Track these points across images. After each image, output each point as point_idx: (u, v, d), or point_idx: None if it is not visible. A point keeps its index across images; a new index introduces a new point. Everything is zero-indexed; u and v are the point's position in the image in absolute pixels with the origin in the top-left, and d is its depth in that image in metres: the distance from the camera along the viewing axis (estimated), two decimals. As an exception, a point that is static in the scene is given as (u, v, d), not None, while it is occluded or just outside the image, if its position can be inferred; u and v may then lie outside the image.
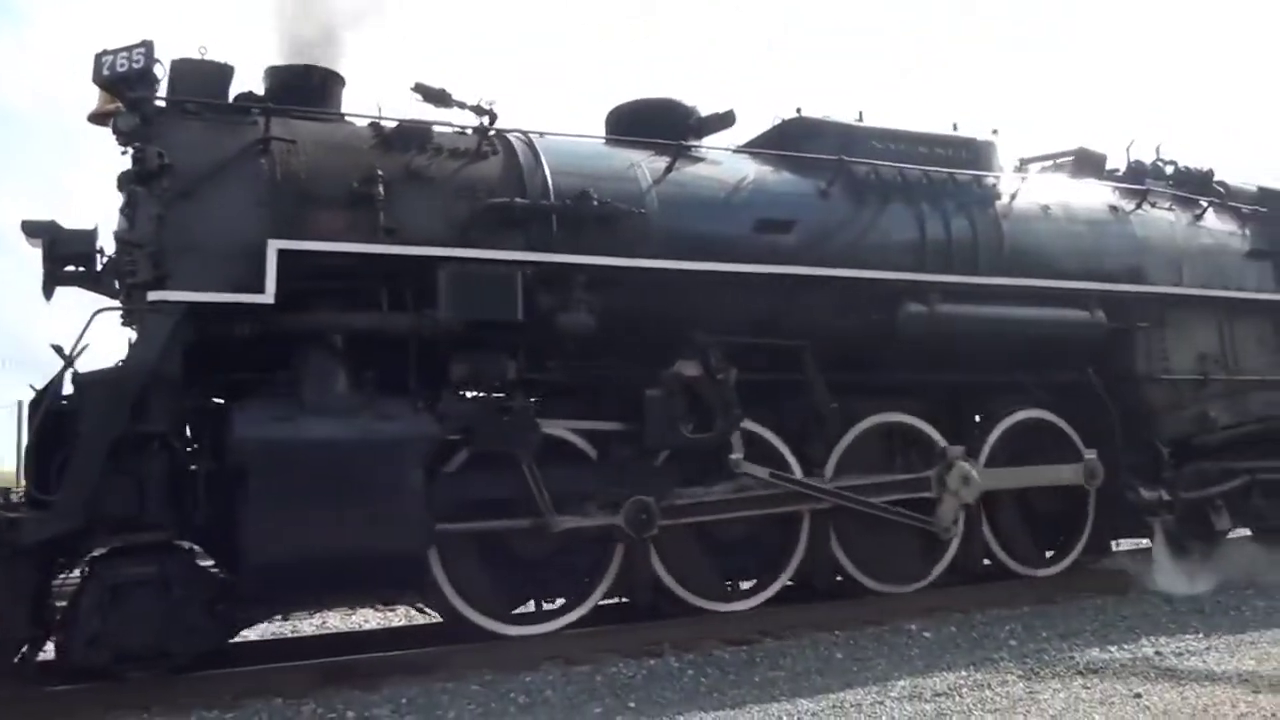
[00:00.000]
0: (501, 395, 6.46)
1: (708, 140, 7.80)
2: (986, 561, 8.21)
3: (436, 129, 6.82)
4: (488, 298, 6.20)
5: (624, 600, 7.15)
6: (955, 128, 8.46)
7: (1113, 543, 9.04)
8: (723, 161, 7.62)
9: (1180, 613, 7.48)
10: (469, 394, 6.53)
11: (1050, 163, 9.49)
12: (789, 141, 7.99)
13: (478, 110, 7.00)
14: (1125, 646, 6.43)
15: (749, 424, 7.28)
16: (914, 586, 7.75)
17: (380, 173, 6.26)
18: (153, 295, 5.64)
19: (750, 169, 7.61)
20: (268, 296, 5.70)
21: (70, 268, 6.29)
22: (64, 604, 5.80)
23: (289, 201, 6.12)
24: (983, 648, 6.46)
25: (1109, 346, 8.35)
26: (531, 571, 6.78)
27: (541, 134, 7.18)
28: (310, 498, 5.67)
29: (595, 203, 6.69)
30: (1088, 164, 9.38)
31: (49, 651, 5.93)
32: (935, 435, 7.91)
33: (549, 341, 6.57)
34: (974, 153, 8.36)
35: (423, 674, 5.88)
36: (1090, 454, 8.23)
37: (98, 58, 6.19)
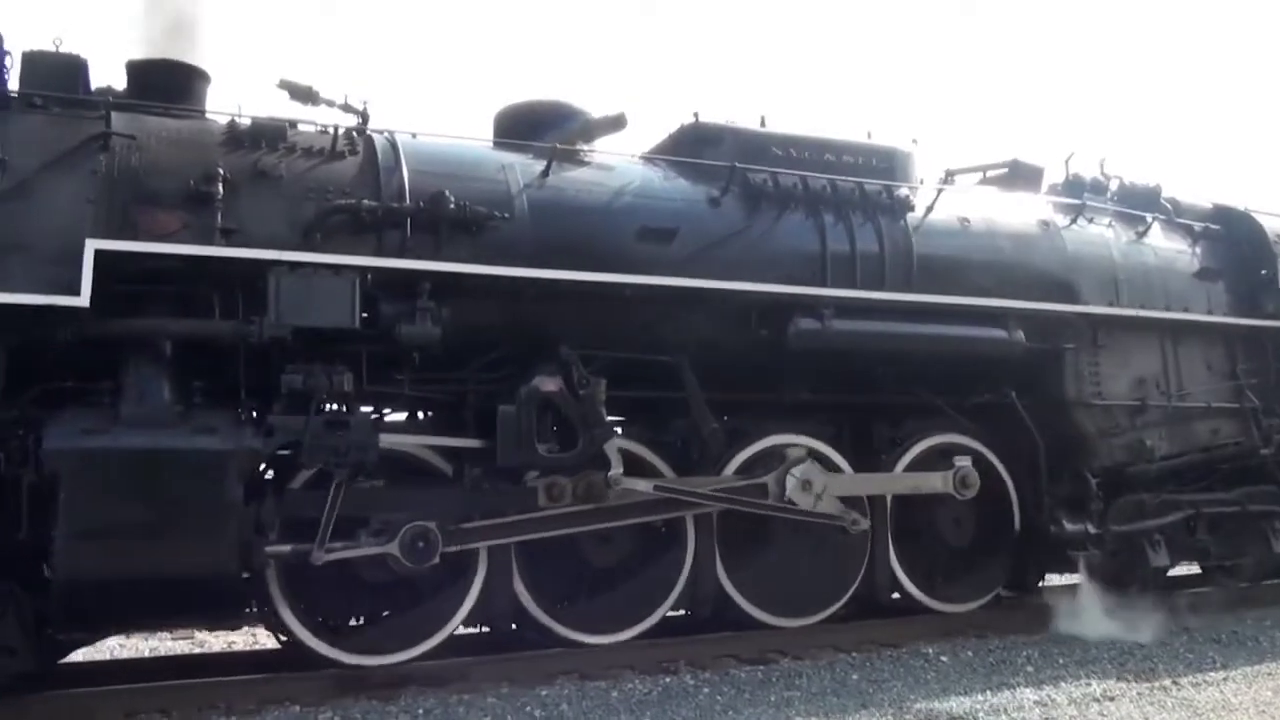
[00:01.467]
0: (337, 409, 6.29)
1: (600, 144, 7.64)
2: (896, 595, 7.94)
3: (298, 128, 6.74)
4: (320, 304, 6.04)
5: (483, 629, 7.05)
6: (869, 135, 8.20)
7: (1042, 578, 8.69)
8: (613, 167, 7.46)
9: (1198, 643, 7.51)
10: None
11: (981, 174, 9.17)
12: (686, 147, 7.81)
13: (346, 109, 6.93)
14: (1142, 676, 6.51)
15: (626, 443, 7.13)
16: (811, 619, 7.49)
17: (222, 171, 6.19)
18: (-42, 292, 5.57)
19: (639, 175, 7.45)
20: (83, 300, 5.58)
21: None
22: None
23: (122, 199, 6.04)
24: (999, 673, 6.55)
25: (1034, 369, 8.04)
26: (383, 597, 6.64)
27: (414, 135, 7.08)
28: (121, 513, 5.56)
29: (452, 206, 6.54)
30: (1022, 177, 9.06)
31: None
32: (836, 458, 7.66)
33: (396, 353, 6.43)
34: (888, 161, 8.09)
35: (439, 685, 6.06)
36: (964, 460, 7.88)
37: (-59, 47, 6.18)
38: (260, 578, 6.15)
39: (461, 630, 6.79)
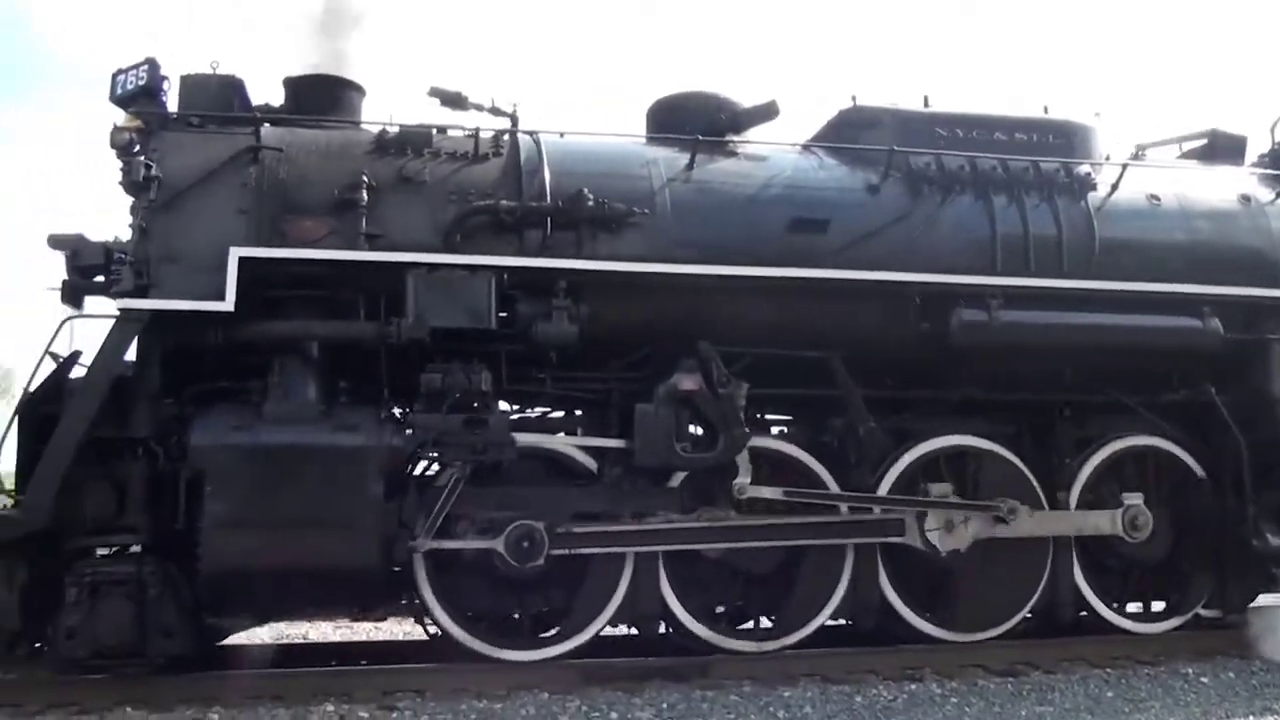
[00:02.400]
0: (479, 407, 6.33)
1: (752, 134, 7.46)
2: (1083, 613, 7.37)
3: (445, 133, 6.89)
4: (457, 305, 6.16)
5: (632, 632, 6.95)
6: (1045, 110, 7.65)
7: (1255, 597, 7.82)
8: (764, 157, 7.26)
9: None
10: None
11: (1177, 148, 8.38)
12: (844, 133, 7.52)
13: (495, 112, 7.04)
14: None
15: (779, 444, 6.91)
16: (982, 635, 7.04)
17: (368, 178, 6.38)
18: (117, 304, 5.97)
19: (791, 165, 7.23)
20: (228, 305, 5.90)
21: (96, 278, 6.79)
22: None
23: (271, 209, 6.33)
24: (1263, 697, 6.18)
25: (1236, 362, 7.27)
26: (523, 593, 6.65)
27: (561, 134, 7.11)
28: (263, 506, 5.85)
29: (591, 203, 6.51)
30: (1222, 149, 8.20)
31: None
32: (1016, 461, 7.16)
33: (535, 352, 6.45)
34: (1065, 137, 7.54)
35: (683, 681, 6.16)
36: (1134, 499, 7.19)
37: (113, 77, 6.67)
38: (409, 571, 6.28)
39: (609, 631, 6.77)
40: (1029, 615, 7.22)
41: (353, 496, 5.91)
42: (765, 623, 7.10)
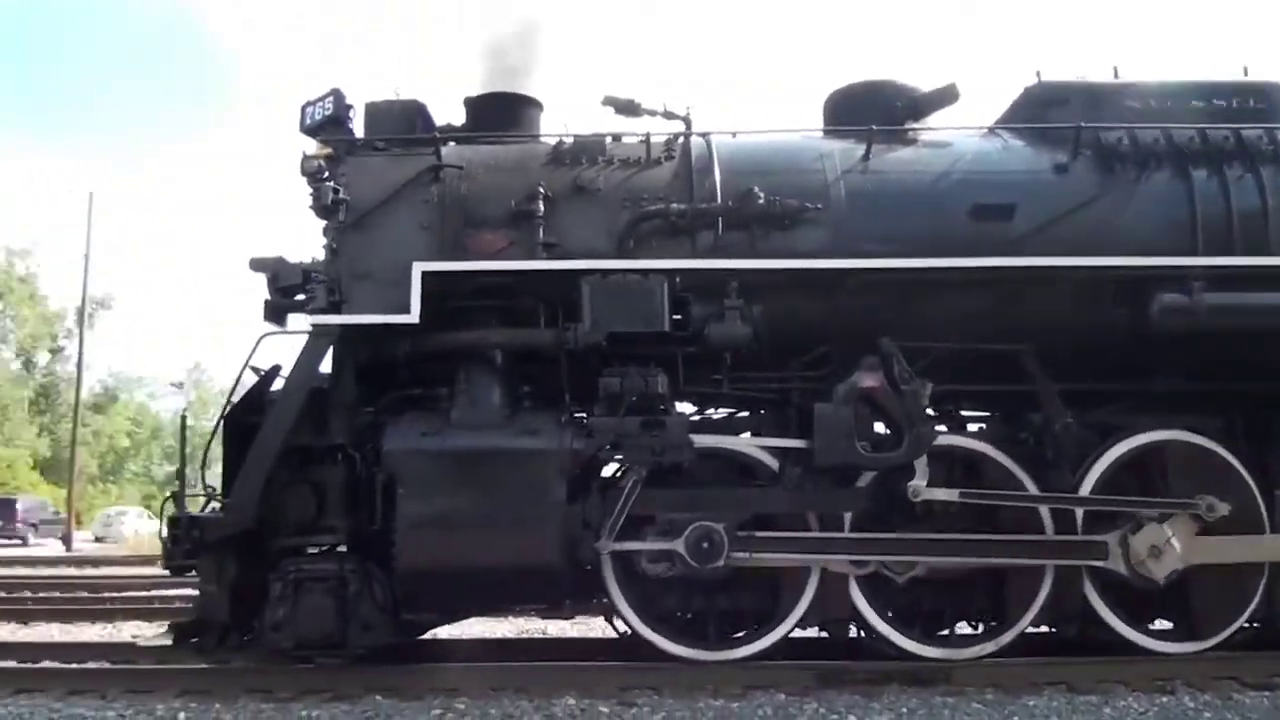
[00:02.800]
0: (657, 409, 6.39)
1: (932, 120, 7.29)
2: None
3: (619, 140, 7.03)
4: (630, 309, 6.25)
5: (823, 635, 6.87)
6: (1245, 72, 7.14)
7: None
8: (944, 143, 7.06)
9: None
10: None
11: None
12: (1030, 112, 7.23)
13: (668, 115, 7.14)
14: None
15: (971, 442, 6.69)
16: (1198, 646, 6.55)
17: (544, 189, 6.60)
18: (310, 319, 6.37)
19: (972, 149, 7.00)
20: (412, 317, 6.20)
21: (295, 297, 7.26)
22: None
23: (453, 224, 6.63)
24: None
25: None
26: (711, 593, 6.63)
27: (734, 134, 7.12)
28: (450, 508, 6.11)
29: (761, 201, 6.50)
30: None
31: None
32: (1230, 459, 6.65)
33: (710, 353, 6.47)
34: (1267, 101, 7.02)
35: (922, 685, 6.07)
36: None
37: (302, 109, 7.13)
38: (597, 571, 6.40)
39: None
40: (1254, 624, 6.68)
41: (535, 498, 6.10)
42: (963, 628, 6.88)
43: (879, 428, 6.49)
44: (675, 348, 6.45)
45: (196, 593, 6.97)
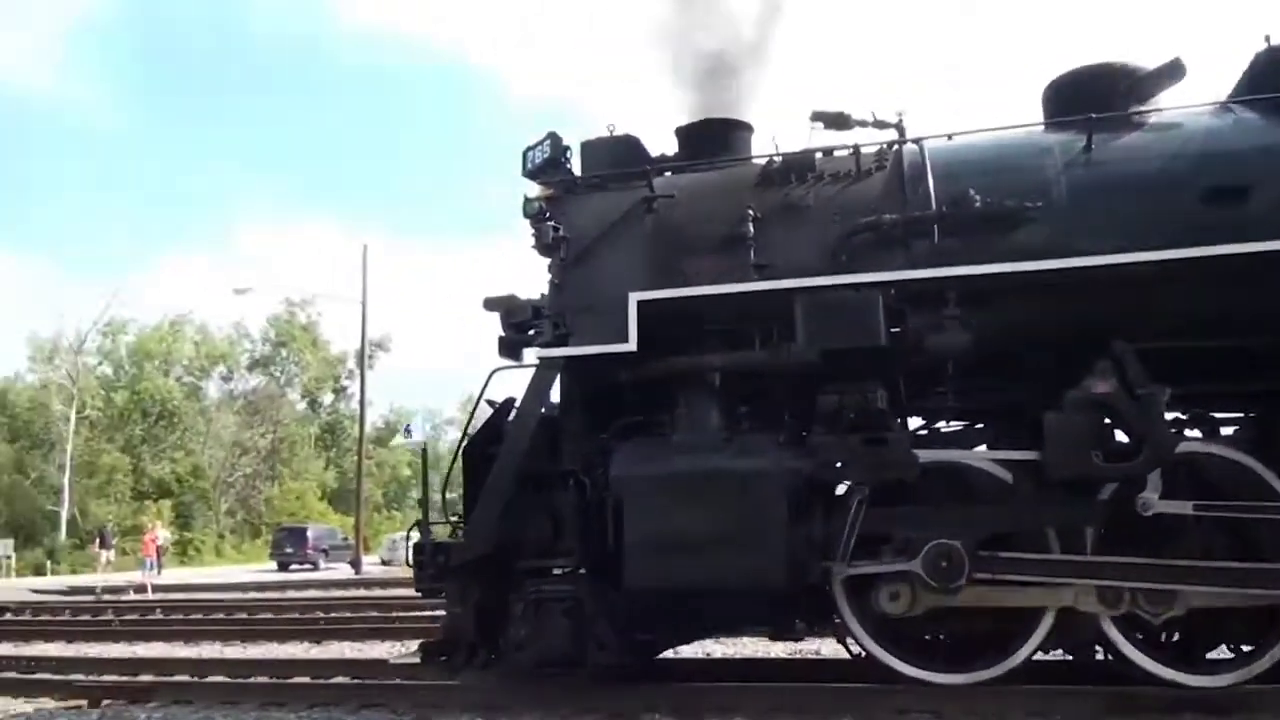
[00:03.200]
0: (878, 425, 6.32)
1: (1160, 100, 6.83)
2: None
3: (830, 154, 7.01)
4: (845, 325, 6.21)
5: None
6: None
7: None
8: (1172, 124, 6.60)
9: None
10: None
11: None
12: (1266, 81, 6.59)
13: (878, 125, 7.09)
14: None
15: (1220, 449, 6.24)
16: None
17: (752, 211, 6.69)
18: (534, 353, 6.73)
19: (1203, 128, 6.50)
20: (630, 345, 6.44)
21: (529, 332, 7.67)
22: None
23: (666, 252, 6.83)
24: None
25: None
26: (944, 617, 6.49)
27: (950, 136, 6.98)
28: (674, 530, 6.27)
29: (977, 205, 6.33)
30: None
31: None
32: None
33: (932, 364, 6.36)
34: None
35: (1221, 714, 5.82)
36: None
37: (523, 154, 7.53)
38: (828, 592, 6.40)
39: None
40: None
41: (756, 518, 6.15)
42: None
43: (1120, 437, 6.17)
44: (894, 361, 6.36)
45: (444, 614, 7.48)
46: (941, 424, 7.14)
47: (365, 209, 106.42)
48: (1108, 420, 6.05)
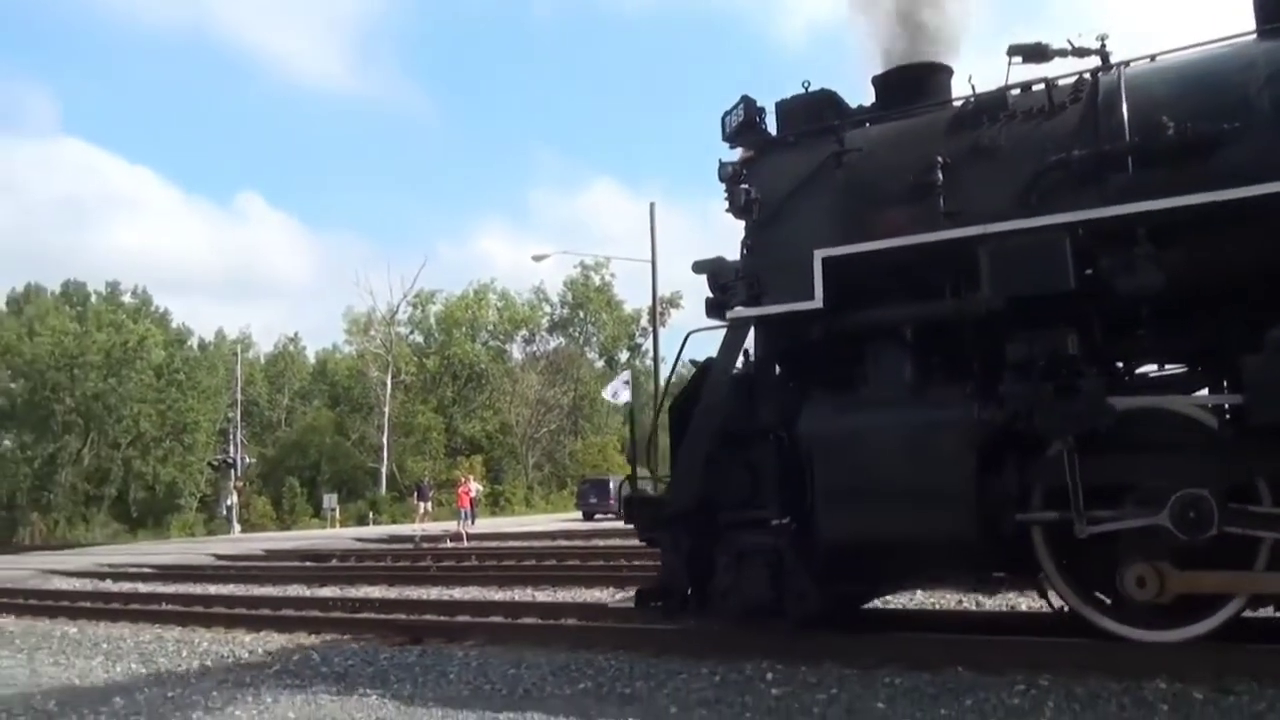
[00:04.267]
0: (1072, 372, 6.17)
1: None
2: None
3: (1029, 90, 6.83)
4: (1031, 270, 6.14)
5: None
6: None
7: None
8: None
9: None
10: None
11: None
12: None
13: (1079, 53, 6.85)
14: None
15: None
16: None
17: (941, 158, 6.69)
18: (729, 314, 7.06)
19: None
20: (817, 303, 6.66)
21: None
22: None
23: (855, 207, 6.96)
24: None
25: None
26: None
27: (1153, 57, 6.64)
28: (864, 484, 6.49)
29: (1170, 132, 6.02)
30: None
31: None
32: None
33: (1126, 308, 6.17)
34: None
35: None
36: None
37: (721, 119, 7.83)
38: (1028, 545, 6.40)
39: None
40: None
41: (946, 470, 6.23)
42: None
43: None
44: (1087, 305, 6.22)
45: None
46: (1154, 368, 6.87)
47: (643, 167, 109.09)
48: None
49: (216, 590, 14.92)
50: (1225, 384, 6.34)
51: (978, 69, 7.04)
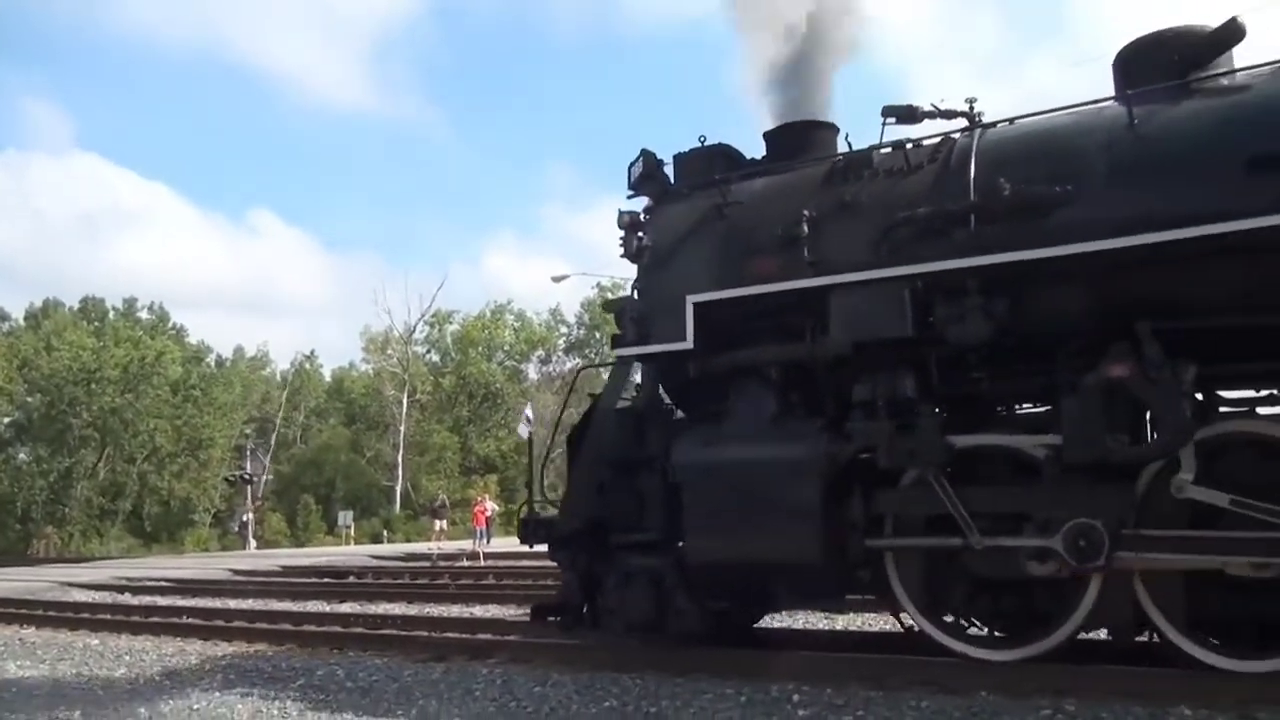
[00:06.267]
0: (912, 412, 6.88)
1: (1221, 65, 6.76)
2: None
3: (894, 151, 7.55)
4: (874, 317, 6.86)
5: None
6: None
7: None
8: (1229, 91, 6.56)
9: None
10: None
11: None
12: None
13: (946, 115, 7.54)
14: None
15: (1265, 426, 6.36)
16: None
17: (808, 212, 7.37)
18: (613, 352, 7.85)
19: (1259, 93, 6.40)
20: (688, 344, 7.42)
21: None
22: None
23: (734, 254, 7.69)
24: None
25: None
26: (997, 593, 7.00)
27: (1011, 121, 7.28)
28: (723, 511, 7.23)
29: (1006, 193, 6.64)
30: None
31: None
32: None
33: (957, 353, 6.85)
34: None
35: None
36: None
37: (628, 169, 8.61)
38: (880, 568, 7.12)
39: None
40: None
41: (795, 499, 6.94)
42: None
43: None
44: (927, 350, 6.90)
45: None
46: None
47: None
48: (1130, 402, 6.28)
49: (236, 605, 15.35)
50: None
51: (996, 94, 7.69)
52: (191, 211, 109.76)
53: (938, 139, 7.43)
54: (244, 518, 49.08)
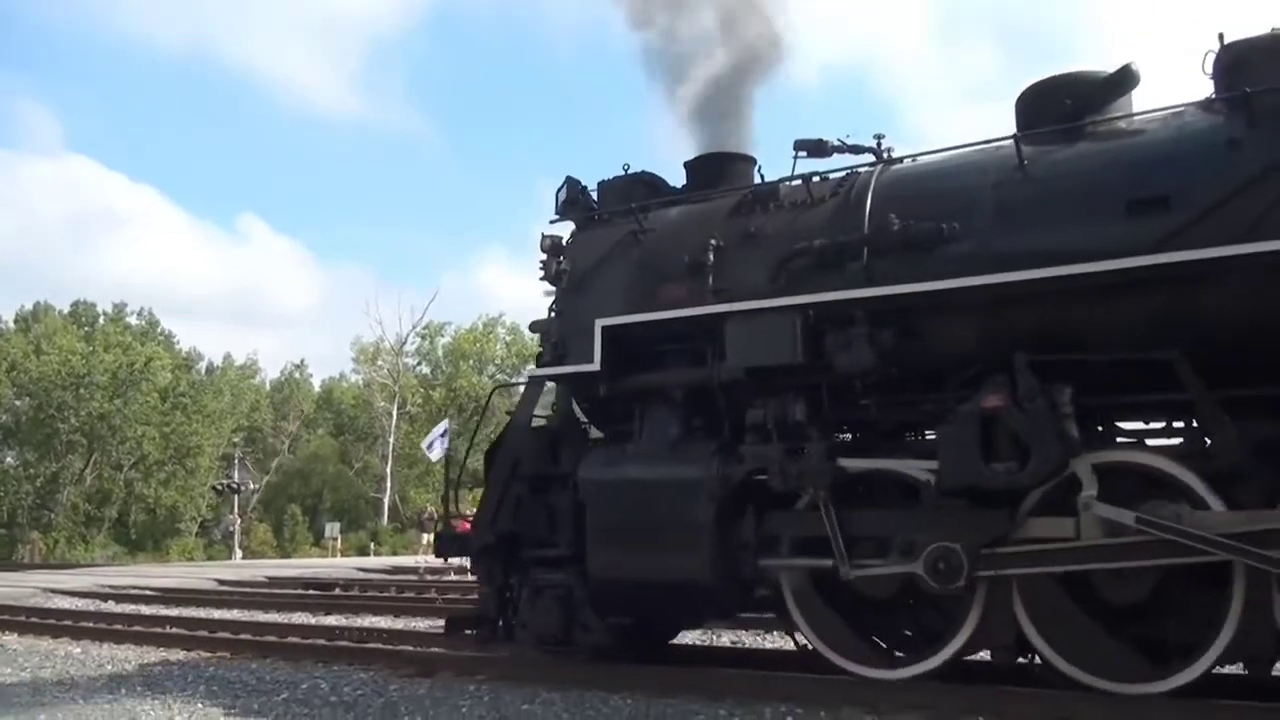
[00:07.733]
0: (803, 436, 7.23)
1: (1117, 109, 7.09)
2: None
3: (797, 185, 7.93)
4: (765, 345, 7.22)
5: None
6: None
7: None
8: (1114, 135, 6.88)
9: None
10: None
11: None
12: (1228, 80, 6.64)
13: (855, 150, 7.93)
14: None
15: (1144, 457, 6.66)
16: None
17: (714, 241, 7.75)
18: (527, 371, 8.21)
19: (1138, 138, 6.79)
20: (595, 366, 7.78)
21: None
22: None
23: (647, 281, 8.06)
24: None
25: None
26: (883, 614, 7.37)
27: (914, 158, 7.68)
28: (624, 529, 7.59)
29: (895, 228, 7.01)
30: None
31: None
32: None
33: (842, 381, 7.20)
34: None
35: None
36: None
37: (555, 195, 8.98)
38: (775, 587, 7.44)
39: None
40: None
41: (688, 519, 7.30)
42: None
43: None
44: (817, 377, 7.24)
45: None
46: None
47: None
48: (1002, 432, 6.57)
49: (220, 615, 15.37)
50: None
51: (992, 119, 8.07)
52: (181, 216, 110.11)
53: (843, 174, 7.79)
54: (229, 527, 49.33)
